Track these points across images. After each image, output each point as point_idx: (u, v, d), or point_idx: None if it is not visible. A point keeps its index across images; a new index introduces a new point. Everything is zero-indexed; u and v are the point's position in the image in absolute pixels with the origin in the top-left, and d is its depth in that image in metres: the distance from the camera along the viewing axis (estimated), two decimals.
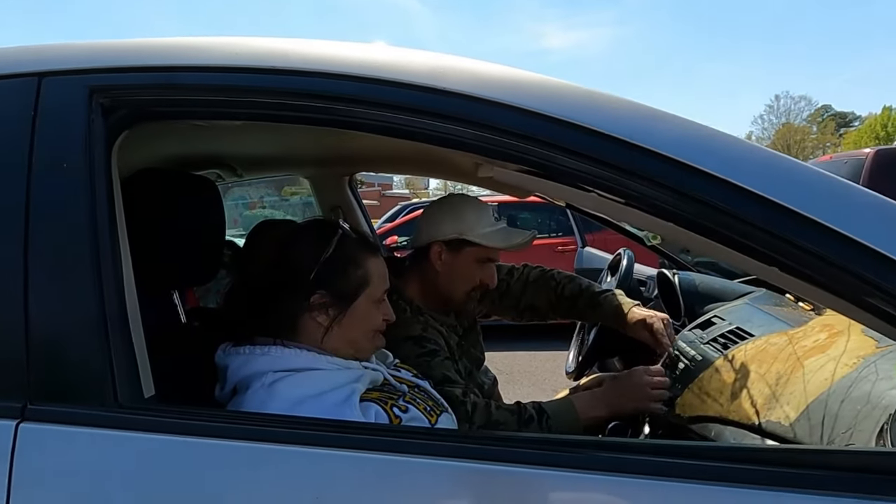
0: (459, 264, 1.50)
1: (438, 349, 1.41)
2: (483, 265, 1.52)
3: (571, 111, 0.81)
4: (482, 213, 1.51)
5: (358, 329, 1.12)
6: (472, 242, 1.48)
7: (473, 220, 1.49)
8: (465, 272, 1.51)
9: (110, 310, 0.81)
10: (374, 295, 1.13)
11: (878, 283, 0.71)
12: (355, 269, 1.11)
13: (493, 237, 1.49)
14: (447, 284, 1.52)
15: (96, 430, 0.78)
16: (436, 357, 1.38)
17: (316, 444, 0.78)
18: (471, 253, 1.50)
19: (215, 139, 1.46)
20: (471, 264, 1.51)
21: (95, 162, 0.85)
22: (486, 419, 1.32)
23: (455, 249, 1.50)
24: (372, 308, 1.13)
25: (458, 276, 1.51)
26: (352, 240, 1.13)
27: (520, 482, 0.76)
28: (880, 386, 0.99)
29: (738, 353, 1.39)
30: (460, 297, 1.53)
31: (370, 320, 1.14)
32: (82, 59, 0.91)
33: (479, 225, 1.49)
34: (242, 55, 0.89)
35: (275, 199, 10.63)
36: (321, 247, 1.09)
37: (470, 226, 1.48)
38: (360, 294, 1.11)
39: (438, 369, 1.36)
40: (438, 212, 1.55)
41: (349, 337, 1.11)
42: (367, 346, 1.15)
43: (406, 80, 0.83)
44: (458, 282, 1.52)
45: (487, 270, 1.53)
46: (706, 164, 0.76)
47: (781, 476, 0.71)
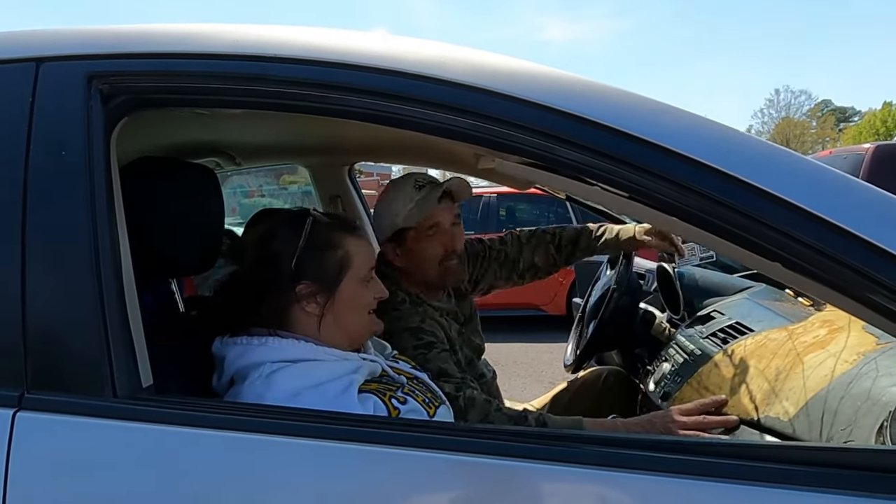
0: (412, 250, 1.48)
1: (436, 341, 1.40)
2: (434, 237, 1.48)
3: (575, 102, 0.80)
4: (402, 193, 1.48)
5: (350, 312, 1.12)
6: (408, 227, 1.46)
7: (398, 205, 1.47)
8: (423, 253, 1.49)
9: (108, 298, 0.80)
10: (359, 273, 1.12)
11: (881, 279, 0.70)
12: (334, 252, 1.11)
13: (415, 211, 1.45)
14: (418, 270, 1.50)
15: (94, 419, 0.78)
16: (433, 349, 1.37)
17: (315, 436, 0.78)
18: (413, 235, 1.48)
19: (214, 127, 1.45)
20: (421, 244, 1.48)
21: (94, 149, 0.84)
22: (481, 420, 1.31)
23: (400, 240, 1.49)
24: (359, 288, 1.13)
25: (419, 259, 1.49)
26: (325, 224, 1.12)
27: (516, 476, 0.76)
28: (880, 383, 0.99)
29: (737, 348, 1.39)
30: (436, 273, 1.50)
31: (360, 301, 1.13)
32: (81, 45, 0.90)
33: (403, 207, 1.46)
34: (243, 43, 0.87)
35: (274, 187, 10.60)
36: (296, 237, 1.09)
37: (396, 213, 1.47)
38: (344, 276, 1.11)
39: (435, 362, 1.35)
40: (375, 214, 1.56)
41: (343, 322, 1.11)
42: (363, 329, 1.15)
43: (406, 69, 0.82)
44: (425, 263, 1.49)
45: (443, 238, 1.49)
46: (710, 159, 0.75)
47: (778, 472, 0.71)
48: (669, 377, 1.51)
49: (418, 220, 1.46)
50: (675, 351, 1.59)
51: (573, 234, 1.85)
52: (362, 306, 1.14)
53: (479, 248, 1.80)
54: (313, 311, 1.09)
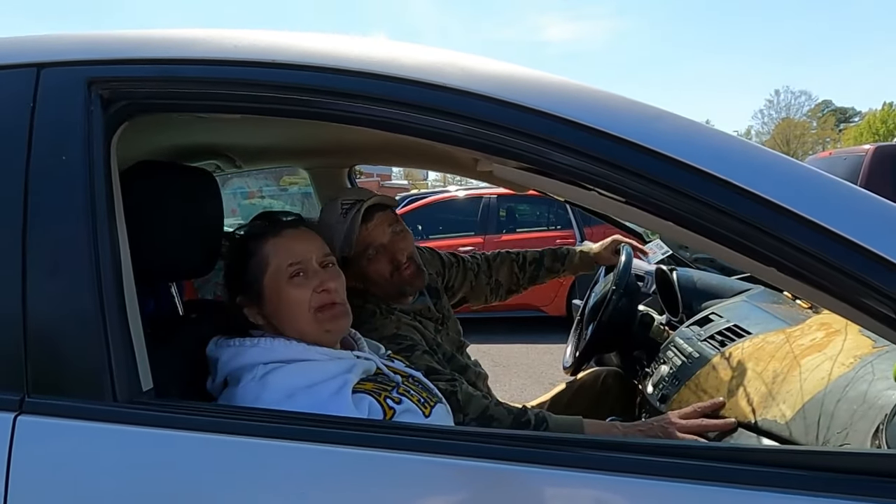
0: (363, 273, 1.48)
1: (415, 344, 1.41)
2: (378, 255, 1.47)
3: (571, 108, 0.80)
4: (333, 225, 1.45)
5: (289, 312, 1.10)
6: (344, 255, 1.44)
7: (329, 236, 1.39)
8: (372, 273, 1.48)
9: (109, 302, 0.81)
10: (281, 272, 1.10)
11: (875, 284, 0.71)
12: (249, 260, 1.13)
13: (346, 242, 1.44)
14: (375, 286, 1.49)
15: (94, 423, 0.78)
16: (414, 351, 1.39)
17: (312, 440, 0.78)
18: (355, 258, 1.47)
19: (214, 130, 1.45)
20: (367, 265, 1.48)
21: (94, 154, 0.84)
22: (480, 413, 1.32)
23: (345, 266, 1.40)
24: (287, 286, 1.10)
25: (373, 279, 1.49)
26: (249, 235, 1.16)
27: (514, 480, 0.76)
28: (877, 386, 0.99)
29: (735, 351, 1.39)
30: (393, 286, 1.49)
31: (293, 298, 1.10)
32: (82, 50, 0.90)
33: (336, 238, 1.43)
34: (242, 48, 0.88)
35: (274, 189, 10.59)
36: (230, 253, 1.17)
37: (333, 245, 1.40)
38: (263, 279, 1.11)
39: (420, 362, 1.36)
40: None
41: (290, 324, 1.10)
42: (315, 328, 1.10)
43: (403, 75, 0.83)
44: (378, 282, 1.48)
45: (386, 254, 1.47)
46: (706, 164, 0.76)
47: (776, 476, 0.71)
48: (668, 379, 1.51)
49: (351, 249, 1.44)
50: (674, 353, 1.59)
51: (537, 255, 1.99)
52: (298, 303, 1.09)
53: (453, 260, 1.87)
54: (256, 318, 1.13)
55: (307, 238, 1.16)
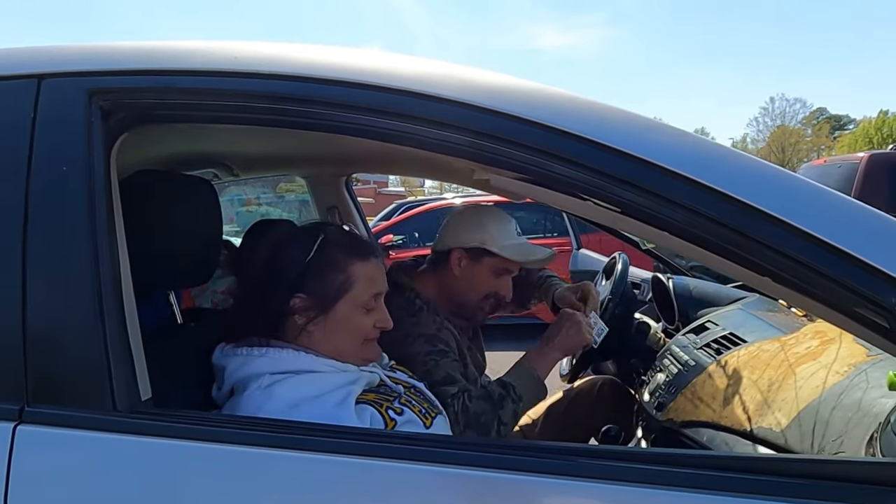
0: (477, 272, 1.54)
1: (449, 350, 1.43)
2: (500, 276, 1.55)
3: (567, 120, 0.81)
4: (505, 226, 1.55)
5: (341, 334, 1.11)
6: (492, 253, 1.51)
7: (496, 231, 1.53)
8: (481, 280, 1.55)
9: (108, 312, 0.81)
10: (359, 299, 1.12)
11: (868, 294, 0.72)
12: (336, 274, 1.11)
13: (513, 251, 1.52)
14: (463, 290, 1.55)
15: (94, 433, 0.78)
16: (445, 357, 1.40)
17: (314, 450, 0.79)
18: (489, 263, 1.53)
19: (213, 139, 1.46)
20: (488, 274, 1.54)
21: (94, 164, 0.85)
22: (466, 416, 1.33)
23: (475, 258, 1.53)
24: (357, 313, 1.12)
25: (474, 283, 1.55)
26: (336, 244, 1.13)
27: (511, 489, 0.76)
28: (871, 394, 1.00)
29: (730, 359, 1.40)
30: (473, 304, 1.57)
31: (355, 326, 1.12)
32: (82, 62, 0.91)
33: (501, 237, 1.52)
34: (242, 60, 0.89)
35: (271, 196, 10.59)
36: (306, 250, 1.10)
37: (492, 237, 1.52)
38: (341, 298, 1.10)
39: (444, 368, 1.37)
40: (463, 219, 1.58)
41: (332, 341, 1.11)
42: (354, 354, 1.13)
43: (401, 86, 0.84)
44: (474, 289, 1.55)
45: (503, 282, 1.57)
46: (699, 174, 0.77)
47: (772, 485, 0.72)
48: (664, 387, 1.51)
49: (507, 256, 1.51)
50: (670, 361, 1.60)
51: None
52: (357, 331, 1.12)
53: None
54: (302, 323, 1.10)
55: (383, 269, 1.18)
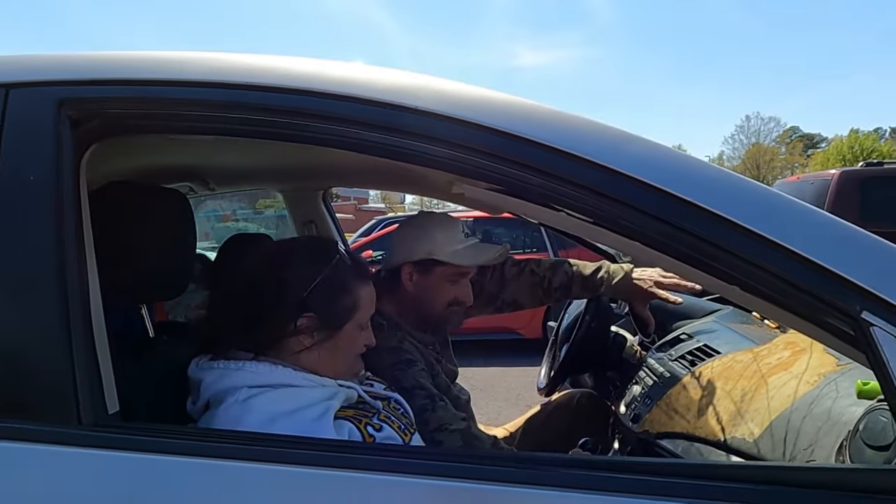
0: (431, 284, 1.50)
1: (415, 360, 1.41)
2: (456, 283, 1.51)
3: (540, 131, 0.82)
4: (451, 231, 1.51)
5: (342, 354, 1.12)
6: (441, 262, 1.48)
7: (442, 238, 1.49)
8: (437, 291, 1.50)
9: (75, 324, 0.80)
10: (361, 320, 1.13)
11: (834, 301, 0.73)
12: (346, 297, 1.10)
13: (461, 255, 1.48)
14: (422, 303, 1.52)
15: (57, 447, 0.77)
16: (412, 367, 1.39)
17: (288, 462, 0.78)
18: (441, 272, 1.49)
19: (188, 152, 1.45)
20: (443, 283, 1.50)
21: (63, 174, 0.84)
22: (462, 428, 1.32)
23: (425, 269, 1.50)
24: (357, 333, 1.13)
25: (431, 295, 1.51)
26: (347, 266, 1.12)
27: (493, 500, 0.76)
28: (840, 403, 1.01)
29: (704, 371, 1.41)
30: (436, 314, 1.53)
31: (355, 345, 1.14)
32: (51, 71, 0.90)
33: (447, 243, 1.48)
34: (215, 70, 0.88)
35: (248, 212, 10.54)
36: (316, 270, 1.08)
37: (439, 245, 1.48)
38: (349, 321, 1.11)
39: (410, 378, 1.36)
40: (408, 231, 1.54)
41: (333, 361, 1.11)
42: (349, 370, 1.15)
43: (377, 98, 0.84)
44: (433, 300, 1.51)
45: (461, 287, 1.52)
46: (671, 186, 0.78)
47: (745, 492, 0.72)
48: (640, 399, 1.52)
49: (456, 262, 1.48)
50: (645, 373, 1.61)
51: (564, 282, 1.79)
52: (355, 350, 1.15)
53: None
54: (306, 343, 1.08)
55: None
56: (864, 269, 0.73)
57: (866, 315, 0.71)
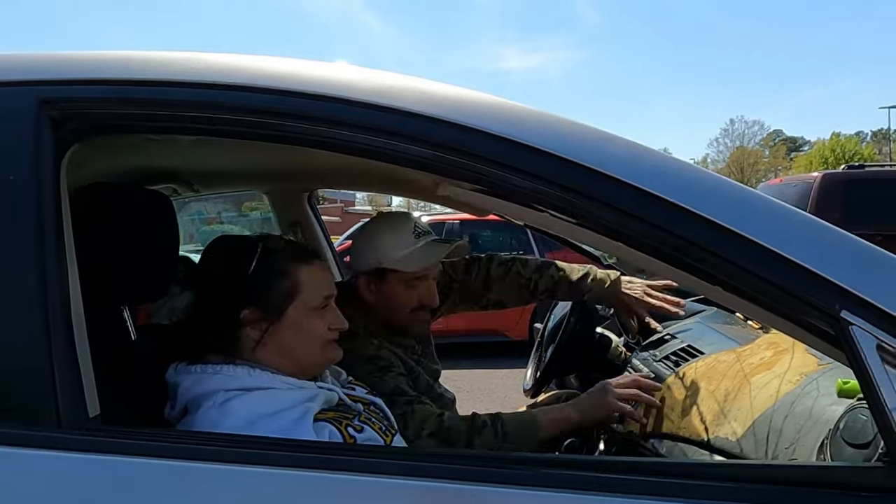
0: (388, 292, 1.47)
1: (392, 366, 1.39)
2: (414, 287, 1.47)
3: (524, 131, 0.82)
4: (398, 235, 1.46)
5: (298, 341, 1.09)
6: (392, 269, 1.44)
7: (389, 245, 1.45)
8: (397, 297, 1.47)
9: (54, 326, 0.79)
10: (310, 303, 1.10)
11: (813, 301, 0.73)
12: (282, 281, 1.09)
13: (409, 259, 1.44)
14: (385, 312, 1.48)
15: (36, 451, 0.76)
16: (389, 372, 1.37)
17: (268, 464, 0.77)
18: (396, 278, 1.46)
19: (171, 153, 1.44)
20: (402, 289, 1.47)
21: (43, 175, 0.83)
22: (437, 426, 1.31)
23: (380, 278, 1.46)
24: (311, 317, 1.10)
25: (392, 302, 1.48)
26: (276, 251, 1.11)
27: (476, 500, 0.76)
28: (821, 402, 1.02)
29: (688, 371, 1.42)
30: (402, 320, 1.50)
31: (310, 330, 1.10)
32: (32, 70, 0.89)
33: (395, 249, 1.44)
34: (198, 70, 0.88)
35: (233, 214, 10.47)
36: (247, 262, 1.08)
37: (386, 252, 1.44)
38: (290, 304, 1.09)
39: (391, 383, 1.34)
40: (358, 241, 1.51)
41: (290, 350, 1.09)
42: (316, 359, 1.12)
43: (360, 98, 0.84)
44: (395, 307, 1.48)
45: (423, 290, 1.48)
46: (653, 186, 0.78)
47: (728, 491, 0.73)
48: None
49: (405, 269, 1.44)
50: (630, 374, 1.61)
51: (550, 285, 1.78)
52: (313, 337, 1.11)
53: (440, 278, 1.73)
54: (255, 336, 1.07)
55: (330, 272, 1.16)
56: (844, 269, 0.74)
57: (845, 314, 0.72)
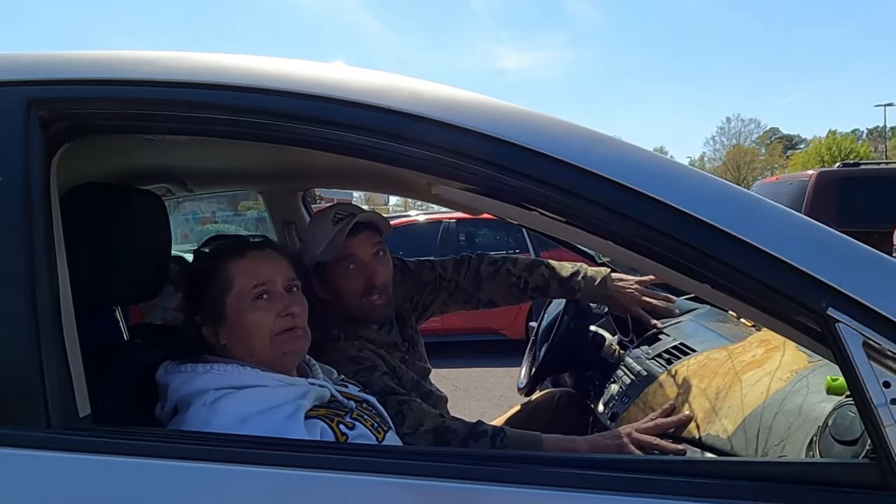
0: (335, 285, 1.46)
1: (376, 365, 1.40)
2: (353, 272, 1.44)
3: (514, 131, 0.82)
4: (321, 228, 1.44)
5: (245, 334, 1.08)
6: (327, 261, 1.44)
7: (314, 239, 1.44)
8: (344, 287, 1.45)
9: (44, 326, 0.79)
10: (245, 294, 1.08)
11: (801, 298, 0.74)
12: (212, 281, 1.10)
13: (329, 248, 1.42)
14: (343, 306, 1.47)
15: (25, 451, 0.76)
16: (374, 372, 1.37)
17: (260, 463, 0.77)
18: (330, 269, 1.45)
19: (164, 153, 1.44)
20: (341, 279, 1.45)
21: (33, 175, 0.83)
22: (436, 425, 1.31)
23: (319, 274, 1.46)
24: (252, 309, 1.08)
25: (341, 294, 1.46)
26: (204, 257, 1.15)
27: (467, 499, 0.76)
28: (811, 399, 1.03)
29: (680, 369, 1.43)
30: (359, 308, 1.46)
31: (255, 322, 1.08)
32: (21, 70, 0.89)
33: (317, 243, 1.43)
34: (188, 70, 0.88)
35: (228, 214, 10.47)
36: (187, 273, 1.17)
37: (313, 248, 1.44)
38: (226, 300, 1.08)
39: (377, 383, 1.35)
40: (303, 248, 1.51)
41: (243, 345, 1.09)
42: (274, 351, 1.09)
43: (352, 98, 0.84)
44: (346, 297, 1.46)
45: (364, 271, 1.45)
46: (642, 186, 0.78)
47: (718, 488, 0.73)
48: (617, 398, 1.53)
49: (335, 254, 1.42)
50: (623, 372, 1.62)
51: (540, 283, 1.78)
52: (259, 328, 1.08)
53: (428, 276, 1.77)
54: (214, 340, 1.11)
55: (273, 260, 1.14)
56: (831, 267, 0.74)
57: (832, 311, 0.72)
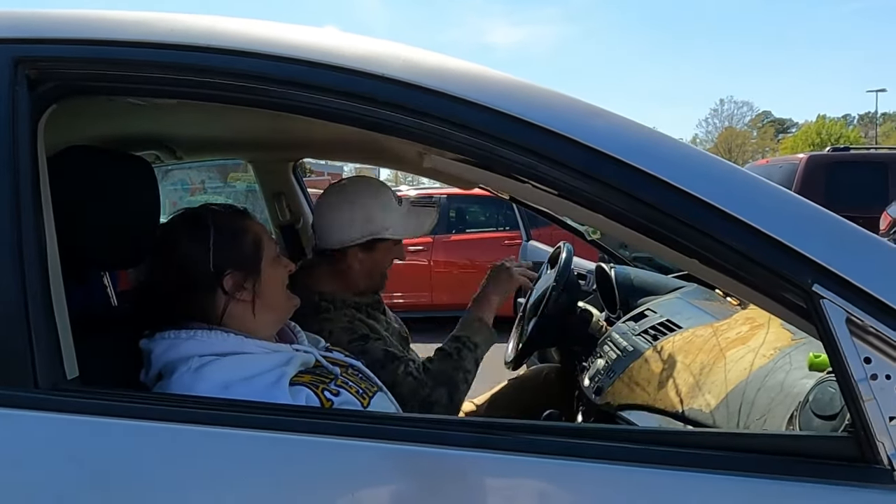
0: (377, 259, 1.52)
1: (369, 333, 1.42)
2: (395, 249, 1.55)
3: (508, 101, 0.82)
4: (387, 206, 1.49)
5: (274, 290, 1.15)
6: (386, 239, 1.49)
7: (382, 216, 1.47)
8: (382, 263, 1.54)
9: (31, 289, 0.78)
10: (271, 252, 1.15)
11: (786, 274, 0.75)
12: (245, 237, 1.12)
13: (405, 227, 1.51)
14: (366, 277, 1.52)
15: (13, 410, 0.76)
16: (369, 340, 1.39)
17: (245, 426, 0.78)
18: (386, 246, 1.52)
19: (153, 118, 1.42)
20: (386, 254, 1.54)
21: (19, 135, 0.82)
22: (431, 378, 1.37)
23: (370, 248, 1.49)
24: (275, 265, 1.16)
25: (375, 268, 1.53)
26: (226, 213, 1.14)
27: (457, 465, 0.78)
28: (793, 375, 1.04)
29: (666, 345, 1.44)
30: (377, 282, 1.57)
31: (279, 277, 1.17)
32: (7, 28, 0.87)
33: (388, 219, 1.48)
34: (179, 32, 0.87)
35: (218, 184, 10.38)
36: (203, 234, 1.08)
37: (381, 223, 1.47)
38: (262, 257, 1.13)
39: (376, 350, 1.37)
40: (344, 214, 1.48)
41: (272, 302, 1.14)
42: (287, 305, 1.18)
43: (345, 64, 0.83)
44: (375, 272, 1.54)
45: (399, 250, 1.57)
46: (632, 158, 0.79)
47: (701, 458, 0.75)
48: (603, 373, 1.55)
49: (408, 235, 1.52)
50: (609, 347, 1.64)
51: None
52: (282, 282, 1.17)
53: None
54: (246, 298, 1.09)
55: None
56: (817, 243, 0.75)
57: (817, 288, 0.73)
